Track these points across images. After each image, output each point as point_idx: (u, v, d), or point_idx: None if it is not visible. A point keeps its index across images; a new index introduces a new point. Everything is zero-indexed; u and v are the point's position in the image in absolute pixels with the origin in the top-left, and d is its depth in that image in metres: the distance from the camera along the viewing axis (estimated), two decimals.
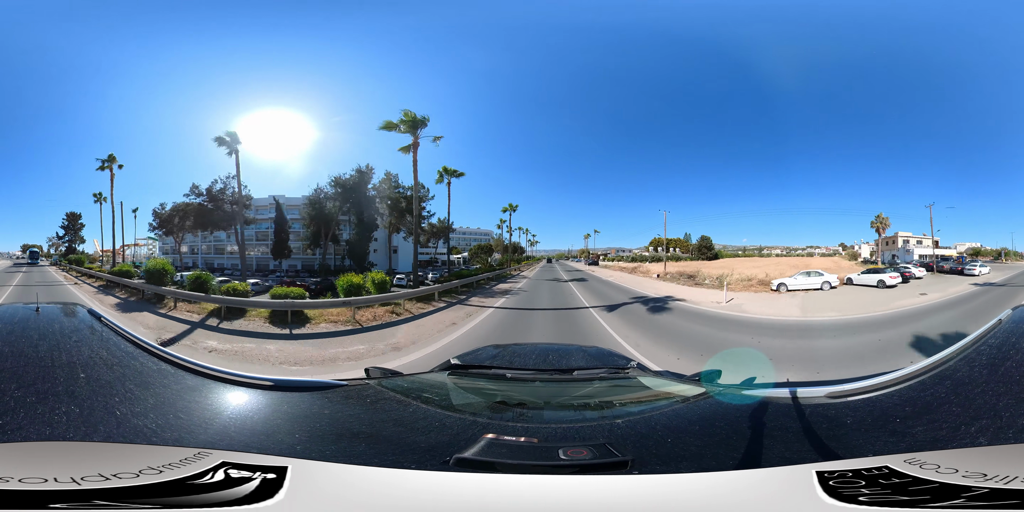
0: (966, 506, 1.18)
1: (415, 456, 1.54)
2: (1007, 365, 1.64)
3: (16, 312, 2.36)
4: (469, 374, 2.95)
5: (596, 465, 1.45)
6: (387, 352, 13.03)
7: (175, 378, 1.92)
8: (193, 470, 1.30)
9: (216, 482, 1.29)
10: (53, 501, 1.14)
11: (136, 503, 1.19)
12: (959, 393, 1.58)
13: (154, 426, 1.50)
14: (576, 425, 1.95)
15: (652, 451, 1.60)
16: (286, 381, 2.21)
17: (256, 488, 1.29)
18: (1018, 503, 1.16)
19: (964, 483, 1.21)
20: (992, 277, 24.72)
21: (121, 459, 1.30)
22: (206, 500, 1.24)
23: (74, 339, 2.03)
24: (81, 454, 1.31)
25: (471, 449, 1.53)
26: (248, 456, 1.40)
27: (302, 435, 1.67)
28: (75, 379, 1.66)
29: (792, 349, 12.69)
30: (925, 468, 1.28)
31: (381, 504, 1.32)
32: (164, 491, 1.23)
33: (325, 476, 1.38)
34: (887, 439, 1.48)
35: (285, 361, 12.37)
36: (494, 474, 1.41)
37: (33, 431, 1.36)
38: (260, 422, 1.79)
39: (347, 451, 1.56)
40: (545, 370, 3.00)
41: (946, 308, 17.54)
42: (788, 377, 8.91)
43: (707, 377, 2.64)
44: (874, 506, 1.22)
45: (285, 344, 13.92)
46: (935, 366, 1.80)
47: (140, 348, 2.08)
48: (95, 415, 1.49)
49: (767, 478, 1.37)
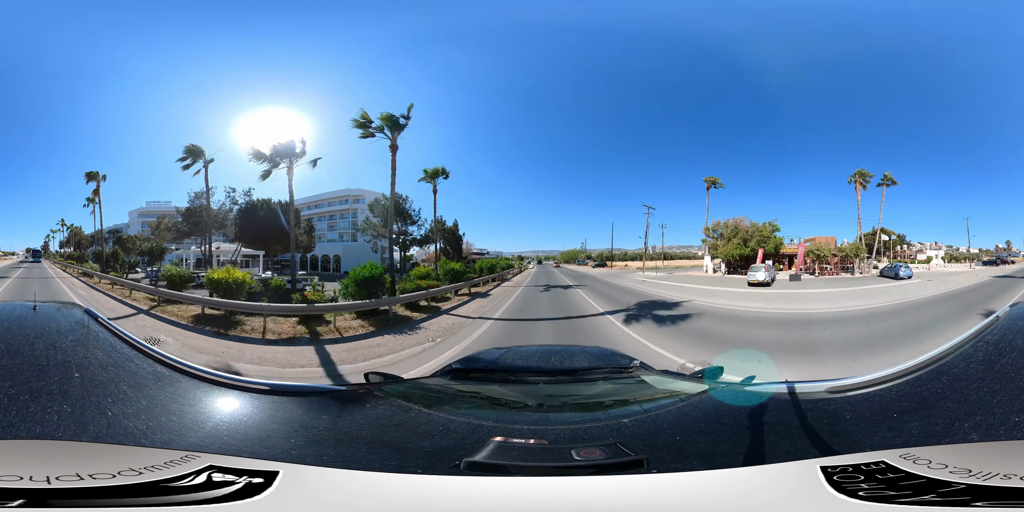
0: (955, 503, 1.18)
1: (420, 461, 1.53)
2: (1003, 362, 1.64)
3: (13, 310, 2.35)
4: (471, 377, 2.94)
5: (611, 465, 1.44)
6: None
7: (170, 381, 1.91)
8: (176, 472, 1.29)
9: (197, 485, 1.27)
10: (20, 498, 1.13)
11: (108, 503, 1.18)
12: (955, 389, 1.59)
13: (144, 428, 1.50)
14: (584, 425, 1.95)
15: (663, 449, 1.60)
16: (283, 386, 2.20)
17: (241, 491, 1.27)
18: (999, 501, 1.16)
19: (950, 479, 1.21)
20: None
21: (105, 460, 1.29)
22: (181, 499, 1.23)
23: (70, 339, 2.02)
24: (66, 453, 1.31)
25: (481, 452, 1.51)
26: (238, 460, 1.39)
27: (298, 440, 1.66)
28: (69, 378, 1.65)
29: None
30: (918, 463, 1.29)
31: (388, 509, 1.30)
32: (141, 492, 1.22)
33: (318, 481, 1.36)
34: (884, 434, 1.49)
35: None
36: (508, 477, 1.40)
37: (23, 429, 1.36)
38: (254, 426, 1.77)
39: (345, 456, 1.55)
40: (548, 371, 2.99)
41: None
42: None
43: (709, 374, 2.65)
44: (872, 501, 1.22)
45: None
46: (932, 362, 1.80)
47: (136, 350, 2.07)
48: (86, 415, 1.48)
49: (778, 474, 1.37)
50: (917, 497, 1.20)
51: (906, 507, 1.19)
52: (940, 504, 1.18)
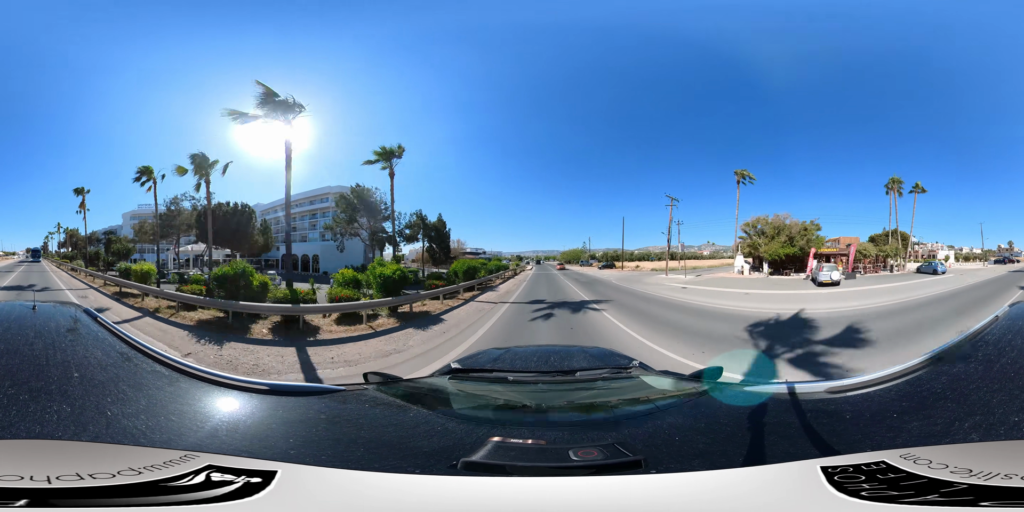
0: (959, 503, 1.17)
1: (418, 461, 1.52)
2: (1002, 362, 1.64)
3: (12, 310, 2.35)
4: (470, 378, 2.93)
5: (609, 465, 1.43)
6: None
7: (169, 380, 1.91)
8: (175, 472, 1.29)
9: (196, 484, 1.27)
10: (24, 497, 1.13)
11: (108, 503, 1.18)
12: (955, 389, 1.59)
13: (144, 427, 1.49)
14: (582, 426, 1.94)
15: (661, 450, 1.59)
16: (282, 386, 2.20)
17: (239, 491, 1.27)
18: (1000, 501, 1.16)
19: (951, 479, 1.21)
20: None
21: (104, 459, 1.29)
22: (179, 499, 1.22)
23: (69, 338, 2.02)
24: (66, 453, 1.31)
25: (478, 452, 1.51)
26: (237, 460, 1.39)
27: (296, 440, 1.65)
28: (68, 378, 1.65)
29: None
30: (919, 463, 1.28)
31: (386, 508, 1.29)
32: (140, 492, 1.22)
33: (316, 480, 1.36)
34: (884, 434, 1.48)
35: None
36: (505, 477, 1.39)
37: (23, 429, 1.36)
38: (253, 426, 1.77)
39: (343, 456, 1.54)
40: (547, 372, 2.99)
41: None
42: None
43: (708, 375, 2.65)
44: (875, 501, 1.21)
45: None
46: (932, 361, 1.80)
47: (135, 349, 2.07)
48: (86, 415, 1.48)
49: (778, 474, 1.37)
50: (920, 497, 1.20)
51: (909, 507, 1.18)
52: (944, 504, 1.18)
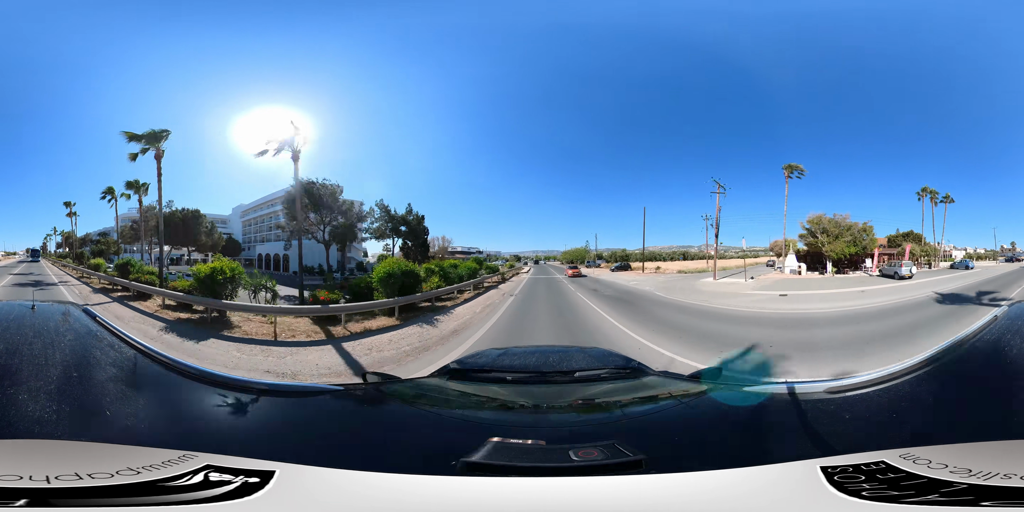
0: (959, 503, 1.17)
1: (417, 461, 1.52)
2: (1001, 362, 1.64)
3: (12, 310, 2.35)
4: (469, 378, 2.93)
5: (609, 465, 1.43)
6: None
7: (168, 380, 1.91)
8: (174, 472, 1.28)
9: (194, 484, 1.27)
10: (24, 497, 1.13)
11: (107, 503, 1.17)
12: (954, 389, 1.59)
13: (143, 427, 1.50)
14: (582, 426, 1.94)
15: (661, 450, 1.59)
16: (281, 385, 2.21)
17: (237, 491, 1.27)
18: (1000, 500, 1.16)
19: (950, 479, 1.21)
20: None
21: (103, 459, 1.28)
22: (178, 499, 1.22)
23: (69, 338, 2.02)
24: (65, 453, 1.31)
25: (478, 453, 1.50)
26: (235, 459, 1.38)
27: (295, 440, 1.66)
28: (68, 378, 1.65)
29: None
30: (918, 463, 1.28)
31: (385, 508, 1.29)
32: (138, 491, 1.21)
33: (315, 480, 1.36)
34: (884, 434, 1.48)
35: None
36: (505, 477, 1.39)
37: (23, 429, 1.35)
38: (252, 426, 1.77)
39: (342, 455, 1.54)
40: (546, 372, 2.98)
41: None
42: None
43: (708, 375, 2.64)
44: (875, 501, 1.21)
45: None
46: (931, 362, 1.80)
47: (135, 349, 2.07)
48: (85, 414, 1.48)
49: (779, 475, 1.36)
50: (920, 497, 1.19)
51: (910, 507, 1.18)
52: (944, 504, 1.18)
